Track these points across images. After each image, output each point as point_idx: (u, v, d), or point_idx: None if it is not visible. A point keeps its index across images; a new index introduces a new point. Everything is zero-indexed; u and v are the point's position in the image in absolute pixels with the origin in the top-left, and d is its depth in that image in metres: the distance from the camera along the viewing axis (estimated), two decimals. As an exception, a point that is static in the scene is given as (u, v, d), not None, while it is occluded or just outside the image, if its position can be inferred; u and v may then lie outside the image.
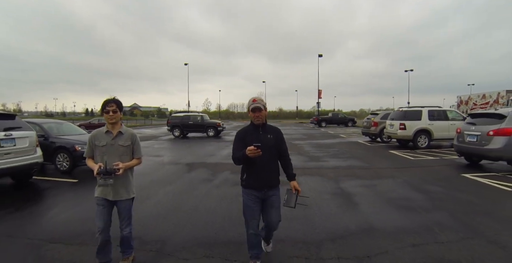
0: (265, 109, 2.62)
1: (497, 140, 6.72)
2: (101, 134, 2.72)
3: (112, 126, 2.71)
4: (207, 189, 5.66)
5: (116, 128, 2.72)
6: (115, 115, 2.66)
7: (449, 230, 3.56)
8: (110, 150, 2.67)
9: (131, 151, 2.77)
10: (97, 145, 2.69)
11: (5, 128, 5.43)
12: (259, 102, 2.58)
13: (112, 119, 2.66)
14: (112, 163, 2.55)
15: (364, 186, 5.76)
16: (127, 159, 2.72)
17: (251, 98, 2.65)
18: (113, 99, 2.69)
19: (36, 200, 5.06)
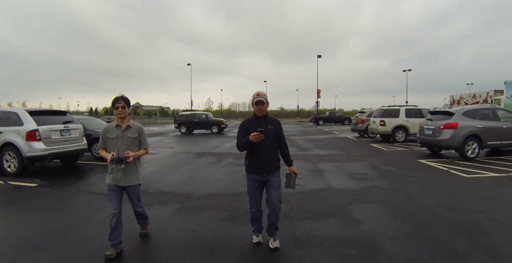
0: (267, 103, 2.95)
1: (446, 132, 8.41)
2: (112, 127, 3.02)
3: (121, 120, 3.00)
4: (215, 168, 7.41)
5: (125, 122, 3.01)
6: (124, 111, 2.95)
7: (381, 189, 5.29)
8: (120, 142, 2.96)
9: (138, 142, 3.08)
10: (109, 137, 2.99)
11: (63, 122, 7.22)
12: (262, 97, 2.90)
13: (121, 114, 2.95)
14: (122, 152, 2.87)
15: (335, 166, 7.49)
16: (135, 149, 3.03)
17: (256, 92, 2.95)
18: (121, 96, 2.99)
19: (84, 175, 6.85)
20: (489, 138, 8.37)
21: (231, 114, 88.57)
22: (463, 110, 8.68)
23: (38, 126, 6.56)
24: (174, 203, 4.56)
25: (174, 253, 2.93)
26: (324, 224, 3.66)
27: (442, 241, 3.14)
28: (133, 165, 3.04)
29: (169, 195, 5.02)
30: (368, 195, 4.92)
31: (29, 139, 6.45)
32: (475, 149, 8.28)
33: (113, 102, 2.95)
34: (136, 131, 3.05)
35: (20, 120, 6.65)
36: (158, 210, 4.23)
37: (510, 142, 8.71)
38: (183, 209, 4.31)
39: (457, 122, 8.32)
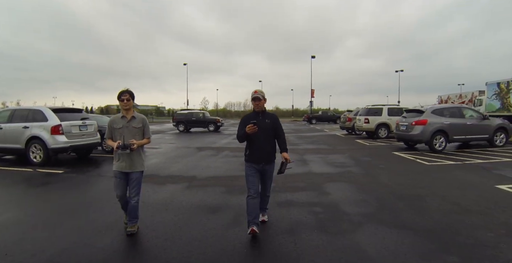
0: (264, 99, 3.26)
1: (417, 128, 9.57)
2: (117, 118, 3.28)
3: (126, 112, 3.25)
4: (214, 159, 8.48)
5: (129, 114, 3.27)
6: (128, 103, 3.20)
7: (353, 173, 6.40)
8: (125, 131, 3.21)
9: (142, 132, 3.33)
10: (115, 128, 3.24)
11: (81, 118, 8.22)
12: (259, 94, 3.22)
13: (126, 106, 3.20)
14: (128, 140, 3.13)
15: (319, 157, 8.61)
16: (139, 138, 3.27)
17: (254, 90, 3.26)
18: (126, 90, 3.21)
19: (101, 164, 7.87)
20: (454, 133, 9.55)
21: (227, 113, 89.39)
22: (432, 109, 9.86)
23: (60, 122, 7.56)
24: (183, 182, 5.63)
25: (189, 212, 4.00)
26: (301, 194, 4.76)
27: (387, 204, 4.25)
28: (138, 153, 3.27)
29: (178, 177, 6.08)
30: (341, 177, 6.03)
31: (53, 132, 7.44)
32: (442, 142, 9.45)
33: (118, 95, 3.19)
34: (140, 122, 3.31)
35: (45, 116, 7.64)
36: (171, 187, 5.29)
37: (474, 136, 9.92)
38: (191, 186, 5.37)
39: (426, 119, 9.48)
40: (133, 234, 3.20)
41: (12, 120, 7.99)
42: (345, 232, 3.27)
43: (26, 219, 3.85)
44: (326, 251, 2.82)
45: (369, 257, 2.68)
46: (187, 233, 3.28)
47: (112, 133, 3.28)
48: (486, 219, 3.62)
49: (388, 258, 2.67)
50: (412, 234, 3.19)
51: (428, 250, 2.81)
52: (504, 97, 21.92)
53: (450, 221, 3.57)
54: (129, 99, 3.19)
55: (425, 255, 2.72)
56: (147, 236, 3.21)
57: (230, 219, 3.71)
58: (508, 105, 21.38)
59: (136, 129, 3.27)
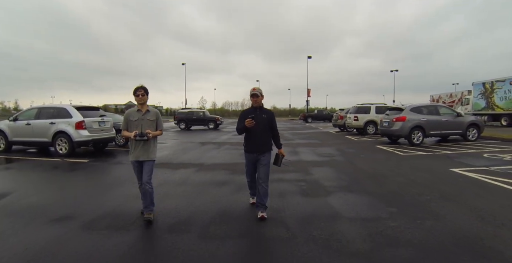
0: (262, 96, 3.62)
1: (397, 124, 10.74)
2: (133, 112, 3.57)
3: (141, 106, 3.55)
4: (217, 151, 9.62)
5: (144, 108, 3.56)
6: (143, 98, 3.49)
7: (336, 161, 7.56)
8: (140, 123, 3.49)
9: (155, 124, 3.63)
10: (131, 120, 3.52)
11: (100, 115, 9.32)
12: (257, 91, 3.57)
13: (141, 101, 3.50)
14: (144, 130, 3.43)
15: (310, 149, 9.76)
16: (153, 130, 3.56)
17: (252, 87, 3.60)
18: (141, 86, 3.51)
19: (118, 155, 8.96)
20: (430, 128, 10.73)
21: (224, 113, 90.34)
22: (411, 107, 11.04)
23: (83, 118, 8.66)
24: (193, 167, 6.77)
25: (202, 186, 5.13)
26: (290, 175, 5.91)
27: (356, 180, 5.41)
28: (151, 143, 3.58)
29: (188, 164, 7.22)
30: (326, 163, 7.19)
31: (78, 127, 8.54)
32: (420, 136, 10.62)
33: (134, 90, 3.48)
34: (154, 115, 3.62)
35: (69, 113, 8.73)
36: (183, 171, 6.42)
37: (448, 131, 11.11)
38: (200, 169, 6.52)
39: (405, 116, 10.65)
40: (150, 221, 3.36)
41: (39, 117, 9.07)
42: (320, 196, 4.42)
43: (77, 191, 4.97)
44: (305, 206, 3.97)
45: (334, 209, 3.84)
46: (203, 197, 4.42)
47: (128, 125, 3.57)
48: (429, 189, 4.78)
49: (347, 209, 3.82)
50: (369, 197, 4.35)
51: (376, 205, 3.97)
52: (489, 97, 23.23)
53: (400, 190, 4.73)
54: (144, 94, 3.51)
55: (373, 207, 3.88)
56: (173, 199, 4.34)
57: (234, 189, 4.85)
58: (493, 104, 22.72)
59: (150, 121, 3.57)
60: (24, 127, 9.14)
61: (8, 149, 9.57)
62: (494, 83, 22.61)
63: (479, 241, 2.84)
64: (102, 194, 4.70)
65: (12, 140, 9.39)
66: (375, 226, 3.23)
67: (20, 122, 9.28)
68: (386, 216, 3.56)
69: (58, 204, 4.21)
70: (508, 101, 21.21)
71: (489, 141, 11.18)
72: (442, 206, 3.91)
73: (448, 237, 2.93)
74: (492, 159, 7.42)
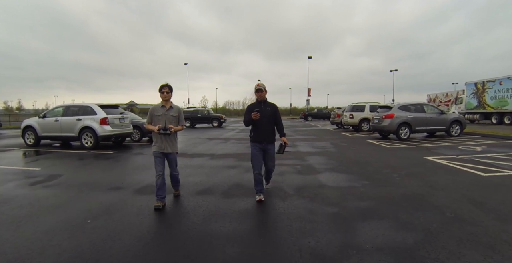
0: (266, 91, 4.00)
1: (386, 120, 11.88)
2: (158, 107, 3.89)
3: (165, 102, 3.86)
4: (225, 144, 10.79)
5: (168, 104, 3.88)
6: (168, 95, 3.83)
7: (329, 151, 8.71)
8: (164, 118, 3.82)
9: (177, 120, 3.95)
10: (155, 115, 3.86)
11: (120, 113, 10.50)
12: (261, 86, 3.96)
13: (165, 98, 3.83)
14: (167, 125, 3.79)
15: (307, 143, 10.93)
16: (175, 125, 3.89)
17: (256, 83, 4.03)
18: (166, 84, 3.83)
19: (136, 148, 10.14)
20: (416, 124, 11.87)
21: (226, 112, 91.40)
22: (399, 105, 12.19)
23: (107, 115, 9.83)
24: (206, 156, 7.95)
25: (217, 168, 6.30)
26: (288, 161, 7.06)
27: (343, 165, 6.56)
28: (173, 137, 3.92)
29: (202, 154, 8.39)
30: (319, 153, 8.35)
31: (102, 123, 9.71)
32: (407, 132, 11.76)
33: (160, 88, 3.79)
34: (177, 111, 3.94)
35: (94, 111, 9.90)
36: (199, 158, 7.59)
37: (433, 127, 12.25)
38: (213, 158, 7.69)
39: (394, 114, 11.80)
40: (179, 196, 4.25)
41: (67, 115, 10.25)
42: (311, 174, 5.59)
43: (116, 172, 6.14)
44: (299, 180, 5.14)
45: (321, 182, 5.01)
46: (219, 175, 5.59)
47: (152, 119, 3.91)
48: (399, 170, 5.93)
49: (330, 181, 4.99)
50: (350, 175, 5.51)
51: (353, 179, 5.13)
52: (480, 96, 24.34)
53: (376, 171, 5.89)
54: (168, 92, 3.84)
55: (350, 180, 5.05)
56: (196, 177, 5.51)
57: (243, 171, 6.02)
58: (484, 103, 23.82)
59: (173, 117, 3.89)
60: (52, 123, 10.32)
61: (37, 143, 10.74)
62: (485, 83, 23.70)
63: (421, 198, 4.00)
64: (137, 174, 5.87)
65: (42, 135, 10.56)
66: (348, 191, 4.40)
67: (49, 119, 10.45)
68: (358, 185, 4.73)
69: (106, 180, 5.38)
70: (498, 100, 22.28)
71: (470, 136, 12.32)
72: (404, 179, 5.07)
73: (400, 196, 4.10)
74: (465, 150, 8.56)
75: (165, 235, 2.97)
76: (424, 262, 2.32)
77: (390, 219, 3.26)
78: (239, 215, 3.46)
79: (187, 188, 4.71)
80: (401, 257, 2.39)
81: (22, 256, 2.49)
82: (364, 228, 3.02)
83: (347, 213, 3.49)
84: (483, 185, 4.64)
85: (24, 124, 10.95)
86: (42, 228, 3.12)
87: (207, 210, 3.65)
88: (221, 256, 2.48)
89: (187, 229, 3.08)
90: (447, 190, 4.36)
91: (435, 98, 38.33)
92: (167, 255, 2.52)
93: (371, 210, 3.56)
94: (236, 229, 3.05)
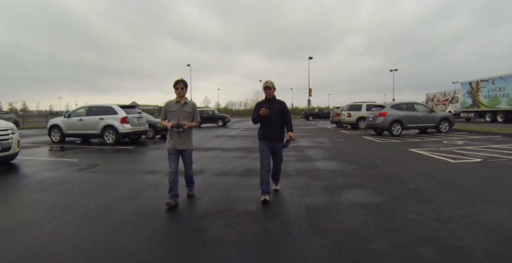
0: (274, 88, 3.98)
1: (379, 118, 12.94)
2: (172, 103, 3.83)
3: (180, 98, 3.81)
4: (232, 141, 11.89)
5: (183, 100, 3.82)
6: (182, 91, 3.76)
7: (326, 145, 9.79)
8: (178, 114, 3.75)
9: (192, 116, 3.88)
10: (170, 111, 3.80)
11: (138, 112, 11.63)
12: (269, 83, 3.92)
13: (180, 93, 3.77)
14: (181, 121, 3.72)
15: (307, 139, 12.01)
16: (189, 121, 3.83)
17: (265, 81, 3.96)
18: (181, 80, 3.77)
19: (152, 144, 11.25)
20: (408, 122, 12.91)
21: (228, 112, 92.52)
22: (391, 104, 13.25)
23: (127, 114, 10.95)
24: (218, 150, 9.06)
25: (229, 159, 7.39)
26: (289, 153, 8.14)
27: (337, 155, 7.64)
28: (187, 134, 3.83)
29: (213, 148, 9.49)
30: (317, 147, 9.43)
31: (122, 122, 10.82)
32: (399, 129, 12.81)
33: (174, 83, 3.71)
34: (191, 107, 3.85)
35: (115, 111, 11.02)
36: (212, 151, 8.69)
37: (423, 124, 13.29)
38: (224, 151, 8.80)
39: (386, 112, 12.85)
40: (192, 196, 4.07)
41: (90, 114, 11.38)
42: (310, 162, 6.68)
43: (144, 162, 7.25)
44: (299, 166, 6.22)
45: (317, 167, 6.09)
46: (232, 163, 6.69)
47: (166, 115, 3.85)
48: (384, 158, 7.00)
49: (325, 166, 6.08)
50: (341, 162, 6.59)
51: (344, 165, 6.22)
52: (475, 95, 25.35)
53: (365, 159, 6.97)
54: (183, 87, 3.75)
55: (342, 166, 6.13)
56: (213, 164, 6.60)
57: (252, 160, 7.12)
58: (478, 102, 24.82)
59: (188, 113, 3.81)
60: (77, 122, 11.45)
61: (62, 140, 11.86)
62: (479, 82, 24.69)
63: (394, 177, 5.09)
64: (162, 163, 6.95)
65: (67, 133, 11.69)
66: (338, 172, 5.50)
67: (73, 119, 11.59)
68: (347, 169, 5.82)
69: (139, 167, 6.49)
70: (491, 99, 23.26)
71: (458, 133, 13.36)
72: (386, 165, 6.15)
73: (378, 175, 5.18)
74: (447, 143, 9.61)
75: (200, 198, 4.07)
76: (384, 210, 3.40)
77: (367, 188, 4.35)
78: (253, 187, 4.54)
79: (208, 172, 5.81)
80: (369, 209, 3.47)
81: (104, 210, 3.60)
82: (346, 194, 4.11)
83: (335, 185, 4.58)
84: (448, 169, 5.71)
85: (50, 123, 12.09)
86: (109, 196, 4.23)
87: (229, 184, 4.76)
88: (245, 209, 3.57)
89: (216, 195, 4.18)
90: (418, 172, 5.44)
91: (433, 98, 39.22)
92: (204, 208, 3.62)
93: (354, 184, 4.65)
94: (252, 195, 4.13)
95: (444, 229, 2.83)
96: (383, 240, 2.63)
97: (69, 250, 2.55)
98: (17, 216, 3.48)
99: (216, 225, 3.07)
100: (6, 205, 4.03)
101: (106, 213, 3.49)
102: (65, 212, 3.57)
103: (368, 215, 3.28)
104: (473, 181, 4.74)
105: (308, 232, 2.85)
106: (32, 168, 6.60)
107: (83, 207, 3.76)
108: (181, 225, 3.15)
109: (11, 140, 6.63)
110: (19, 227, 3.10)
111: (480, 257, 2.30)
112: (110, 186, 4.88)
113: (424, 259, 2.29)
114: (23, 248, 2.59)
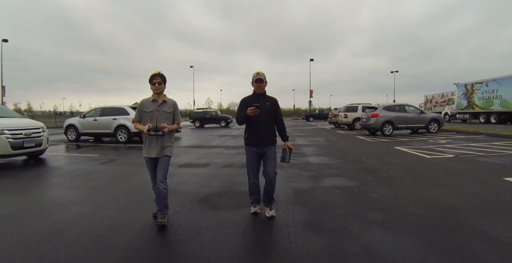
0: (266, 82, 3.29)
1: (372, 119, 13.84)
2: (148, 102, 3.19)
3: (157, 96, 3.20)
4: (234, 140, 12.85)
5: (161, 98, 3.21)
6: (160, 87, 3.15)
7: (320, 144, 10.71)
8: (156, 115, 3.14)
9: (172, 117, 3.26)
10: (145, 111, 3.17)
11: (148, 113, 12.59)
12: (261, 75, 3.25)
13: (157, 90, 3.15)
14: (159, 123, 3.07)
15: (304, 139, 12.94)
16: (169, 123, 3.19)
17: (255, 72, 3.27)
18: (158, 73, 3.16)
19: (164, 143, 12.22)
20: (399, 122, 13.80)
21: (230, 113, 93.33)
22: (383, 106, 14.14)
23: (138, 115, 11.89)
24: (222, 148, 10.01)
25: (233, 155, 8.33)
26: (287, 150, 9.07)
27: (329, 152, 8.56)
28: (168, 138, 3.21)
29: (217, 146, 10.43)
30: (312, 145, 10.35)
31: (134, 122, 11.77)
32: (390, 129, 13.70)
33: (150, 78, 3.13)
34: (171, 106, 3.25)
35: (127, 111, 12.00)
36: (216, 149, 9.64)
37: (414, 125, 14.17)
38: (227, 148, 9.75)
39: (378, 113, 13.75)
40: (164, 226, 3.05)
41: (104, 115, 12.37)
42: (302, 157, 7.60)
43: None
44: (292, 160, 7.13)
45: (309, 161, 7.02)
46: (235, 158, 7.63)
47: (141, 117, 3.23)
48: (369, 154, 7.91)
49: (316, 161, 7.00)
50: (331, 157, 7.51)
51: (332, 159, 7.14)
52: (470, 97, 26.17)
53: (352, 155, 7.89)
54: (161, 83, 3.16)
55: (330, 160, 7.06)
56: (218, 159, 7.54)
57: (252, 155, 8.05)
58: (473, 103, 25.64)
59: (167, 113, 3.22)
60: (92, 122, 12.45)
61: (78, 139, 12.87)
62: (474, 84, 25.52)
63: (372, 168, 6.00)
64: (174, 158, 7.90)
65: (82, 132, 12.69)
66: (325, 165, 6.43)
67: (88, 119, 12.59)
68: (334, 162, 6.75)
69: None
70: (485, 101, 24.07)
71: (446, 133, 14.24)
72: (369, 160, 7.07)
73: (359, 168, 6.11)
74: (431, 142, 10.50)
75: (211, 182, 5.00)
76: (354, 191, 4.32)
77: (345, 177, 5.28)
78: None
79: (214, 165, 6.75)
80: (342, 189, 4.40)
81: (133, 191, 4.56)
82: (327, 180, 5.05)
83: (320, 175, 5.51)
84: (421, 163, 6.61)
85: (66, 123, 13.11)
86: (133, 182, 5.19)
87: (232, 173, 5.72)
88: (244, 190, 4.48)
89: (221, 181, 5.12)
90: (394, 165, 6.36)
91: (432, 99, 39.89)
92: (213, 191, 4.57)
93: (336, 173, 5.58)
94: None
95: (395, 203, 3.76)
96: (347, 208, 3.57)
97: (114, 214, 3.52)
98: (69, 195, 4.45)
99: (222, 200, 4.04)
100: (55, 188, 5.00)
101: (134, 193, 4.44)
102: (103, 192, 4.54)
103: (340, 193, 4.22)
104: (437, 172, 5.64)
105: (292, 203, 3.79)
106: (60, 161, 7.58)
107: (116, 189, 4.72)
108: (194, 199, 4.09)
109: (42, 137, 7.61)
110: (72, 201, 4.06)
111: (413, 219, 3.22)
112: (133, 174, 5.83)
113: (372, 219, 3.22)
114: (84, 212, 3.56)
